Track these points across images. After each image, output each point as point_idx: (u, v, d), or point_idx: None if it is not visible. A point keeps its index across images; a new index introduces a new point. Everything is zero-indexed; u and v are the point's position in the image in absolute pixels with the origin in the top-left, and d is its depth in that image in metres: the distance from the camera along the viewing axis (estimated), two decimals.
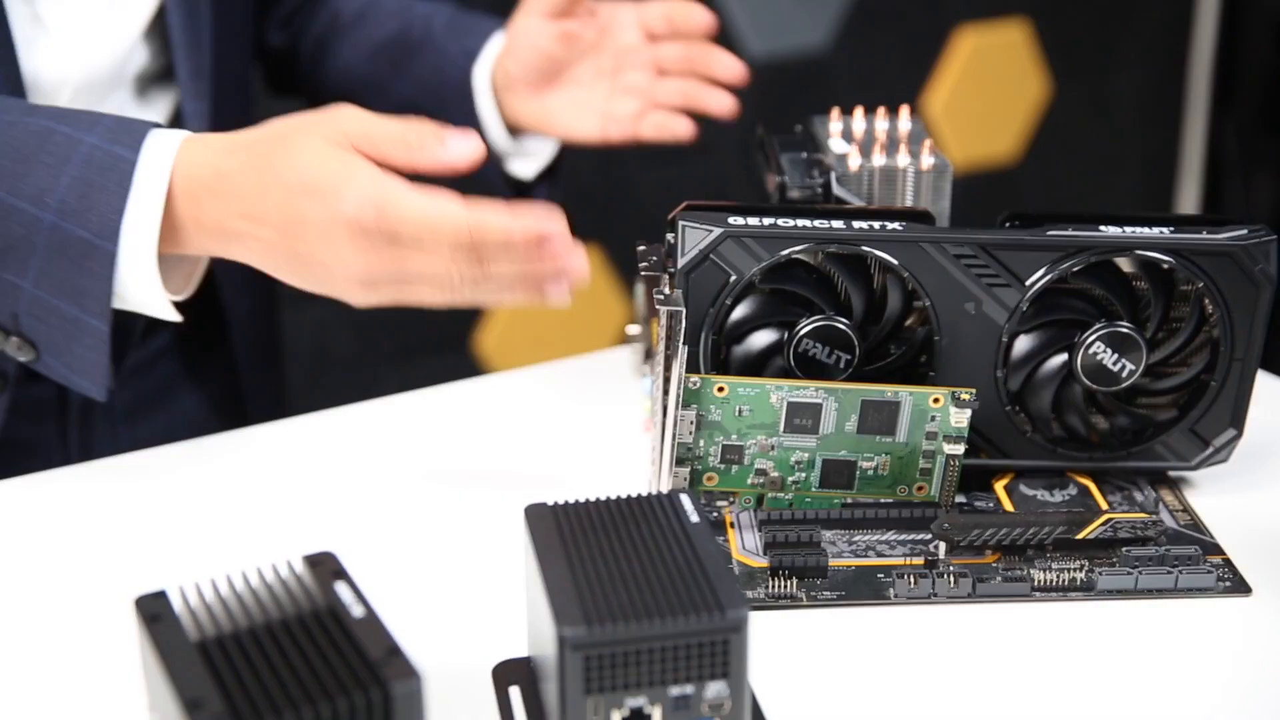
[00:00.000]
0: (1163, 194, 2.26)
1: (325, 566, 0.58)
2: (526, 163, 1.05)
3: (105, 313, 0.76)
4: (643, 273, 0.77)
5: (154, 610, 0.56)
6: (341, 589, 0.57)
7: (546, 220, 0.71)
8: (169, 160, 0.75)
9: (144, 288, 0.76)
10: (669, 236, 0.76)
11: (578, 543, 0.61)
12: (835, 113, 0.89)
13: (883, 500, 0.79)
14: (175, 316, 0.79)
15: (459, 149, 0.74)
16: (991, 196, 2.12)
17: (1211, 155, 2.22)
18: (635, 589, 0.58)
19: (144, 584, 0.60)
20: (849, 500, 0.78)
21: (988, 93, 2.09)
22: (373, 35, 1.07)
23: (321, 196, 0.71)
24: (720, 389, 0.75)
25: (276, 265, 0.75)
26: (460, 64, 1.02)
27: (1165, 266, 0.77)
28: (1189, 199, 2.24)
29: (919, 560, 0.75)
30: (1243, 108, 2.16)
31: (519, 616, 0.66)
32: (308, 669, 0.53)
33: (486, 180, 1.05)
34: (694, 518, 0.63)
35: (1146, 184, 2.27)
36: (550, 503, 0.64)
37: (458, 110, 1.02)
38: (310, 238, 0.72)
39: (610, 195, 1.79)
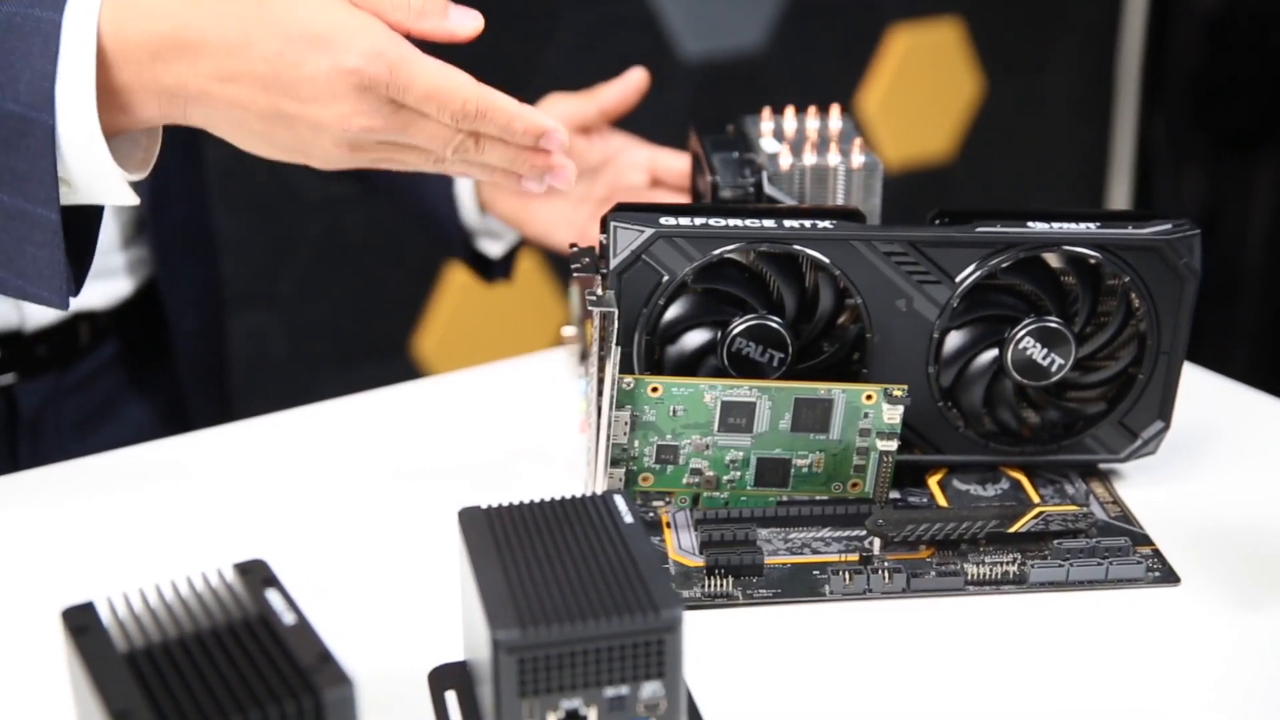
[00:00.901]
0: (1095, 189, 2.29)
1: (256, 574, 0.57)
2: (494, 243, 1.05)
3: (53, 198, 0.69)
4: (575, 274, 0.77)
5: (81, 622, 0.55)
6: (272, 596, 0.56)
7: (551, 120, 0.72)
8: (93, 13, 0.68)
9: (92, 163, 0.69)
10: (601, 237, 0.76)
11: (511, 545, 0.61)
12: (766, 112, 0.89)
13: (817, 497, 0.79)
14: (133, 199, 0.72)
15: (462, 22, 0.73)
16: (927, 194, 2.13)
17: (1142, 151, 2.24)
18: (569, 590, 0.58)
19: (78, 594, 0.59)
20: (784, 498, 0.79)
21: (922, 91, 2.11)
22: None
23: (328, 48, 0.68)
24: (654, 389, 0.75)
25: (247, 126, 0.70)
26: None
27: (1092, 262, 0.78)
28: (1120, 194, 2.26)
29: (854, 556, 0.75)
30: (1171, 104, 2.19)
31: (455, 621, 0.66)
32: (238, 678, 0.52)
33: (449, 246, 1.05)
34: (628, 518, 0.63)
35: (1079, 180, 2.29)
36: (484, 505, 0.63)
37: (434, 185, 1.02)
38: (304, 92, 0.68)
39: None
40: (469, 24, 0.73)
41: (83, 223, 0.72)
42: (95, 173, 0.70)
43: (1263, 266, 2.08)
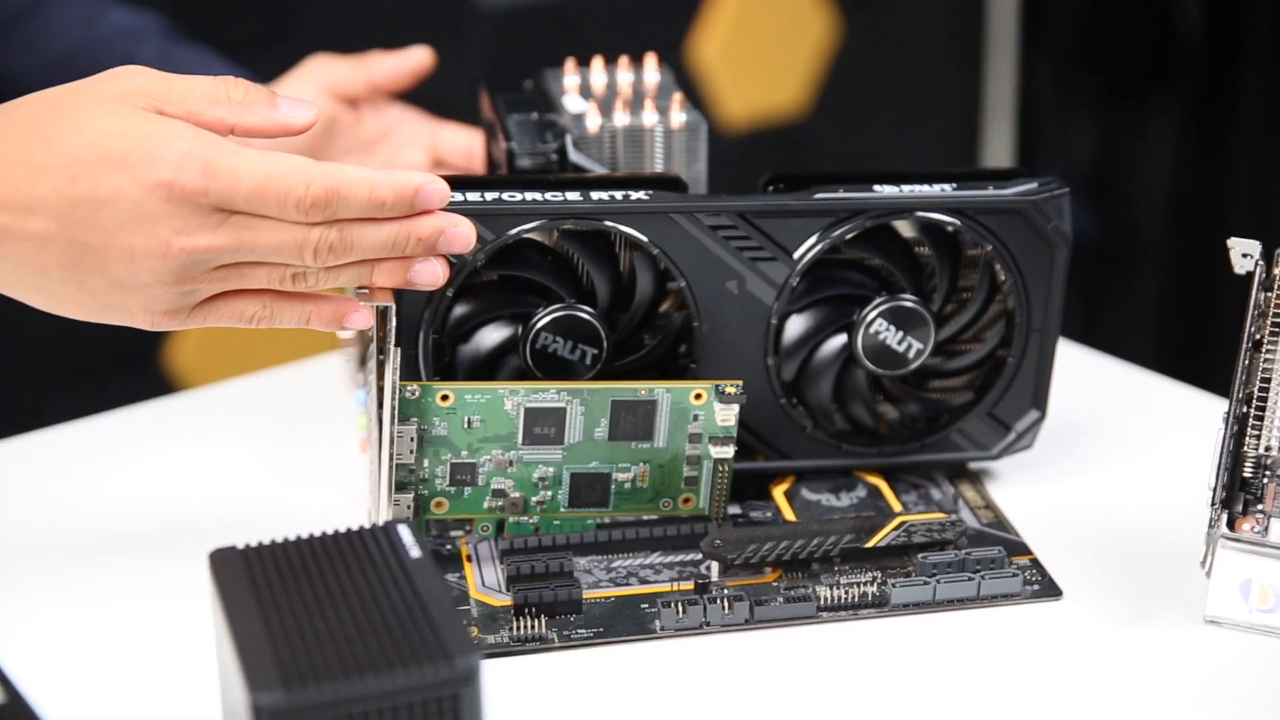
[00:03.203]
0: (969, 143, 2.34)
1: None
2: None
3: None
4: None
5: None
6: None
7: (420, 173, 0.70)
8: None
9: None
10: None
11: (274, 591, 0.60)
12: (570, 65, 0.89)
13: (644, 517, 0.80)
14: None
15: (296, 112, 0.72)
16: (778, 155, 2.16)
17: (1024, 98, 2.29)
18: (344, 642, 0.58)
19: None
20: (605, 520, 0.79)
21: (768, 35, 2.13)
22: (50, 43, 1.03)
23: (127, 165, 0.67)
24: (444, 397, 0.75)
25: (46, 277, 0.69)
26: None
27: (949, 229, 0.80)
28: (999, 148, 2.31)
29: (688, 585, 0.76)
30: (1054, 44, 2.24)
31: (211, 683, 0.65)
32: None
33: None
34: (414, 552, 0.63)
35: (952, 133, 2.34)
36: (240, 545, 0.63)
37: None
38: (108, 222, 0.67)
39: None
40: (304, 114, 0.72)
41: None
42: None
43: (1165, 227, 2.14)
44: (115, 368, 1.70)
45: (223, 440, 0.91)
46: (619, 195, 0.77)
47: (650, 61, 0.89)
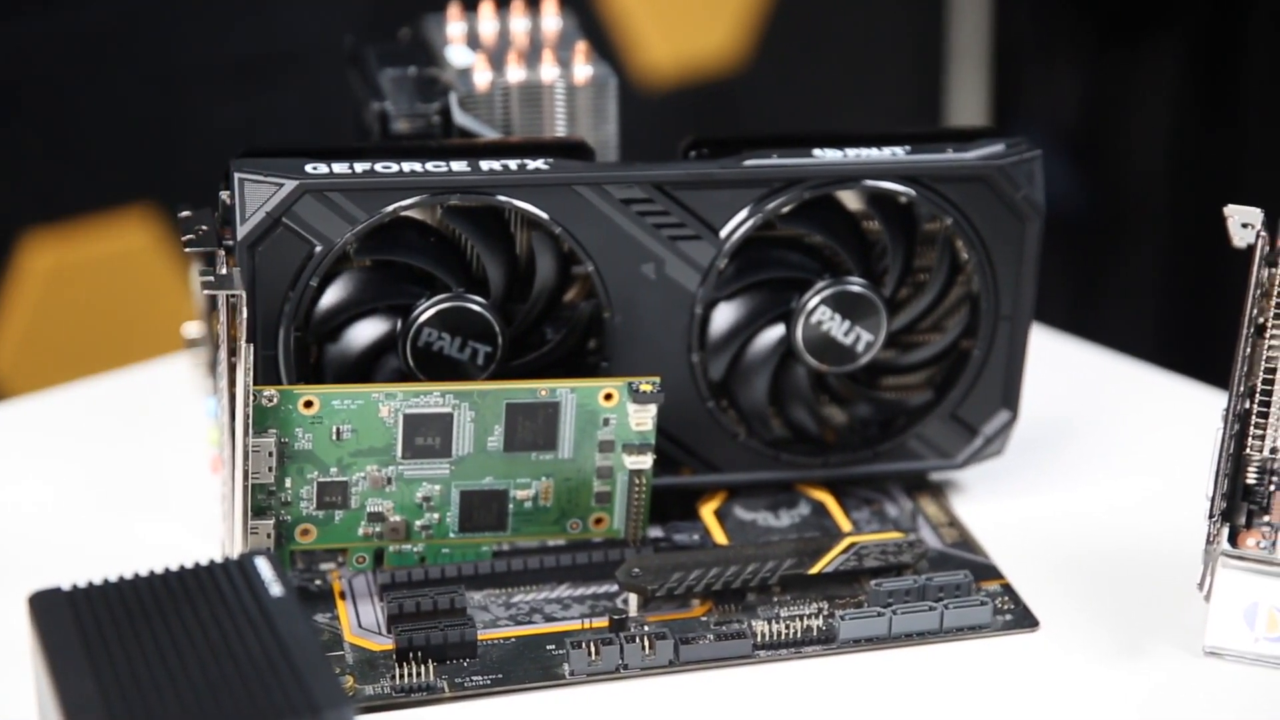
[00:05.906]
0: (933, 97, 2.35)
1: None
2: None
3: None
4: (189, 249, 0.77)
5: None
6: None
7: None
8: None
9: None
10: (223, 195, 0.76)
11: (106, 640, 0.61)
12: (454, 10, 0.90)
13: (549, 543, 0.81)
14: None
15: None
16: (711, 113, 2.16)
17: (998, 42, 2.31)
18: (191, 697, 0.58)
19: None
20: (502, 546, 0.80)
21: None
22: None
23: None
24: (308, 403, 0.76)
25: None
26: None
27: (902, 200, 0.81)
28: (969, 102, 2.33)
29: (602, 621, 0.77)
30: None
31: None
32: None
33: None
34: (275, 589, 0.63)
35: (913, 84, 2.35)
36: (67, 586, 0.63)
37: None
38: None
39: (168, 137, 1.76)
40: None
41: None
42: None
43: (1166, 194, 2.15)
44: None
45: (45, 460, 0.91)
46: (513, 165, 0.78)
47: (549, 5, 0.90)
